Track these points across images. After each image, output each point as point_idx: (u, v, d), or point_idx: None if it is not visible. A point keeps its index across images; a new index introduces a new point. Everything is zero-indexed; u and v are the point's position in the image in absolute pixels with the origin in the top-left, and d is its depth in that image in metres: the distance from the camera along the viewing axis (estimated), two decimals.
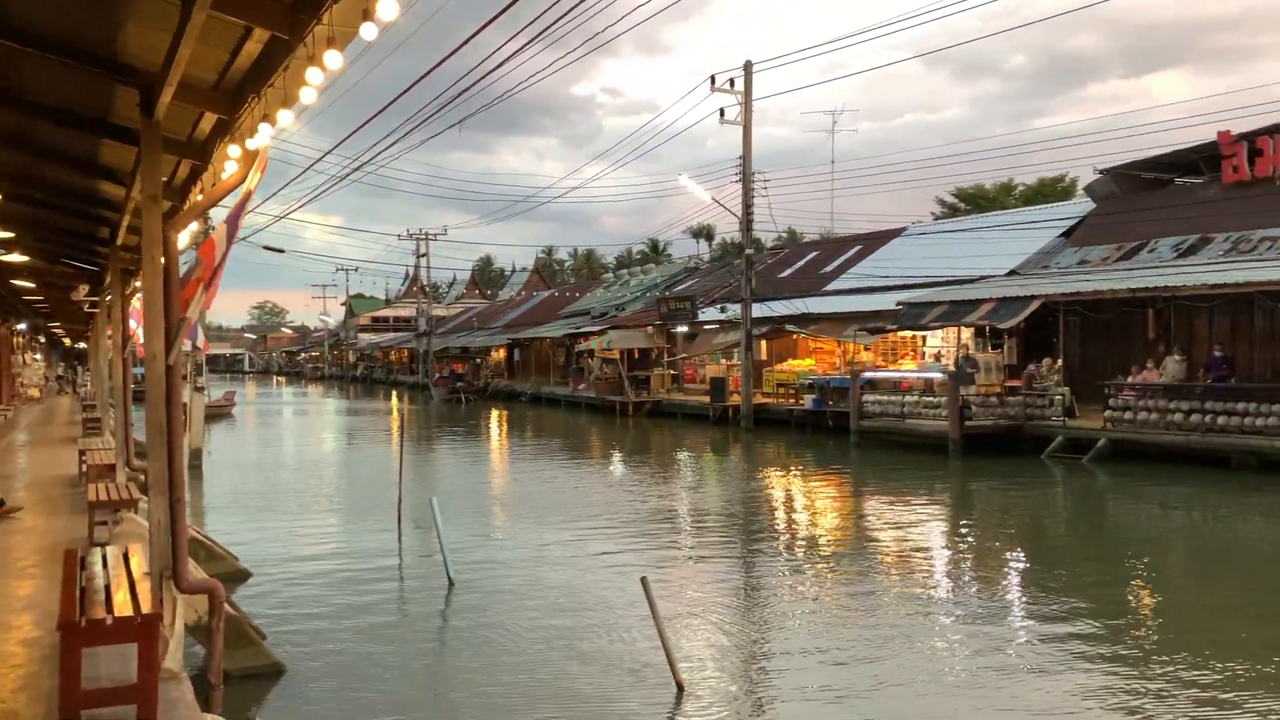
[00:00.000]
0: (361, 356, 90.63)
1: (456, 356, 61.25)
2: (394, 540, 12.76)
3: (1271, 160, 24.18)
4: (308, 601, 9.81)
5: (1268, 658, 7.83)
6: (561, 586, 10.34)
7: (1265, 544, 13.07)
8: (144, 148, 5.82)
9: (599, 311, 50.10)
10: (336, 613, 9.36)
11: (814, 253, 41.72)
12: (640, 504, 16.13)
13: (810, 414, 28.00)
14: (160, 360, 5.88)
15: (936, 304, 25.64)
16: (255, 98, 5.26)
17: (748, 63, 30.11)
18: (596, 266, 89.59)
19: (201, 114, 6.19)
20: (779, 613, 9.45)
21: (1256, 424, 18.05)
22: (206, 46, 4.97)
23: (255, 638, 7.66)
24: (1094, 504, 16.76)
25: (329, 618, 9.19)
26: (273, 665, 7.52)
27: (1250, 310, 21.40)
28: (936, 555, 12.34)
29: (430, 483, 18.98)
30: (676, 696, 6.96)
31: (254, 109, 5.37)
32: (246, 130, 5.61)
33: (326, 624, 8.98)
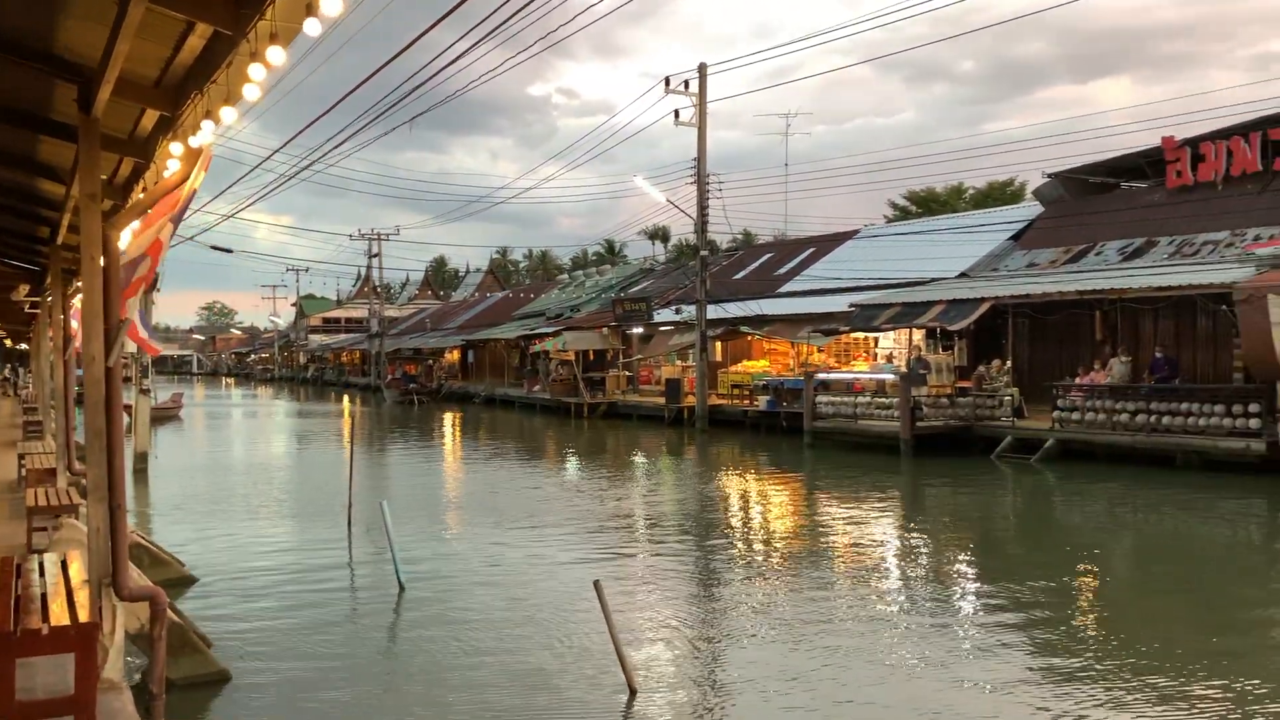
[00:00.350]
0: (312, 358, 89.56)
1: (409, 358, 60.77)
2: (344, 545, 12.61)
3: (1214, 165, 24.70)
4: (255, 607, 9.65)
5: (1205, 654, 7.97)
6: (514, 590, 10.27)
7: (1206, 543, 13.34)
8: (82, 145, 5.67)
9: (554, 313, 49.97)
10: (284, 619, 9.22)
11: (768, 254, 41.94)
12: (594, 506, 16.08)
13: (765, 415, 28.14)
14: (99, 362, 5.73)
15: (888, 306, 25.88)
16: (198, 94, 5.15)
17: (702, 65, 30.22)
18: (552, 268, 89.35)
19: (143, 111, 6.05)
20: (733, 614, 9.45)
21: (1199, 424, 18.42)
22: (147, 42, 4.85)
23: (200, 645, 7.52)
24: (1041, 504, 17.00)
25: (276, 624, 9.05)
26: (218, 673, 7.38)
27: (1193, 312, 21.84)
28: (888, 556, 12.44)
29: (381, 486, 18.79)
30: (629, 699, 6.93)
31: (197, 106, 5.25)
32: (189, 127, 5.48)
33: (274, 630, 8.84)
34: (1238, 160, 24.24)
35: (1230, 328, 19.62)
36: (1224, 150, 24.50)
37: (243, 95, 4.70)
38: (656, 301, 39.32)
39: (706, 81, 30.19)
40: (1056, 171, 29.00)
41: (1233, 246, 22.51)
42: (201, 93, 5.11)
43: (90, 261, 5.72)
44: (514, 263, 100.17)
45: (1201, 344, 22.23)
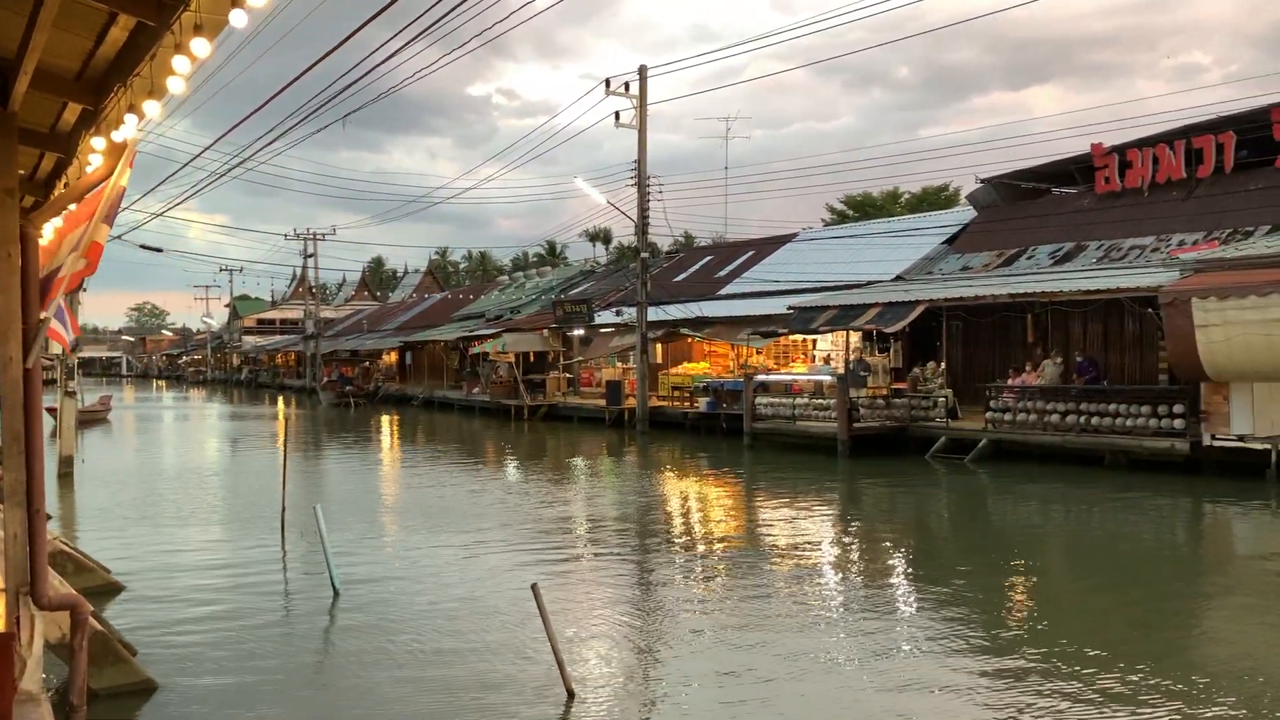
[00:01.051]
0: (246, 360, 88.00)
1: (346, 360, 59.99)
2: (277, 551, 12.38)
3: (1140, 172, 25.35)
4: (184, 615, 9.43)
5: (1137, 648, 8.16)
6: (451, 594, 10.16)
7: (1134, 541, 13.66)
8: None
9: (494, 314, 49.66)
10: (214, 626, 9.02)
11: (708, 257, 42.12)
12: (534, 510, 16.00)
13: (705, 416, 28.25)
14: (17, 364, 5.55)
15: (826, 308, 26.13)
16: (121, 87, 5.01)
17: (642, 67, 30.27)
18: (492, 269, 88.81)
19: (65, 104, 5.87)
20: (671, 616, 9.46)
21: (1127, 424, 18.87)
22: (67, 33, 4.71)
23: (124, 654, 7.31)
24: (975, 503, 17.29)
25: (206, 631, 8.85)
26: (143, 682, 7.19)
27: (1121, 315, 22.38)
28: (825, 556, 12.55)
29: (317, 491, 18.50)
30: (566, 702, 6.89)
31: (120, 99, 5.11)
32: (113, 121, 5.34)
33: (203, 638, 8.64)
34: (1163, 167, 24.91)
35: (1156, 330, 20.13)
36: (1150, 157, 25.17)
37: (167, 88, 4.57)
38: (597, 303, 39.28)
39: (647, 84, 30.24)
40: (990, 177, 29.55)
41: (1158, 251, 23.13)
42: (125, 85, 4.97)
43: (7, 260, 5.53)
44: (453, 263, 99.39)
45: (1129, 346, 22.80)
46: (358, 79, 12.98)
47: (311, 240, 62.81)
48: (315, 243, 62.78)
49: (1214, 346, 17.00)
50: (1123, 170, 25.77)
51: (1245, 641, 8.64)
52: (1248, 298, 16.62)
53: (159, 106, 4.78)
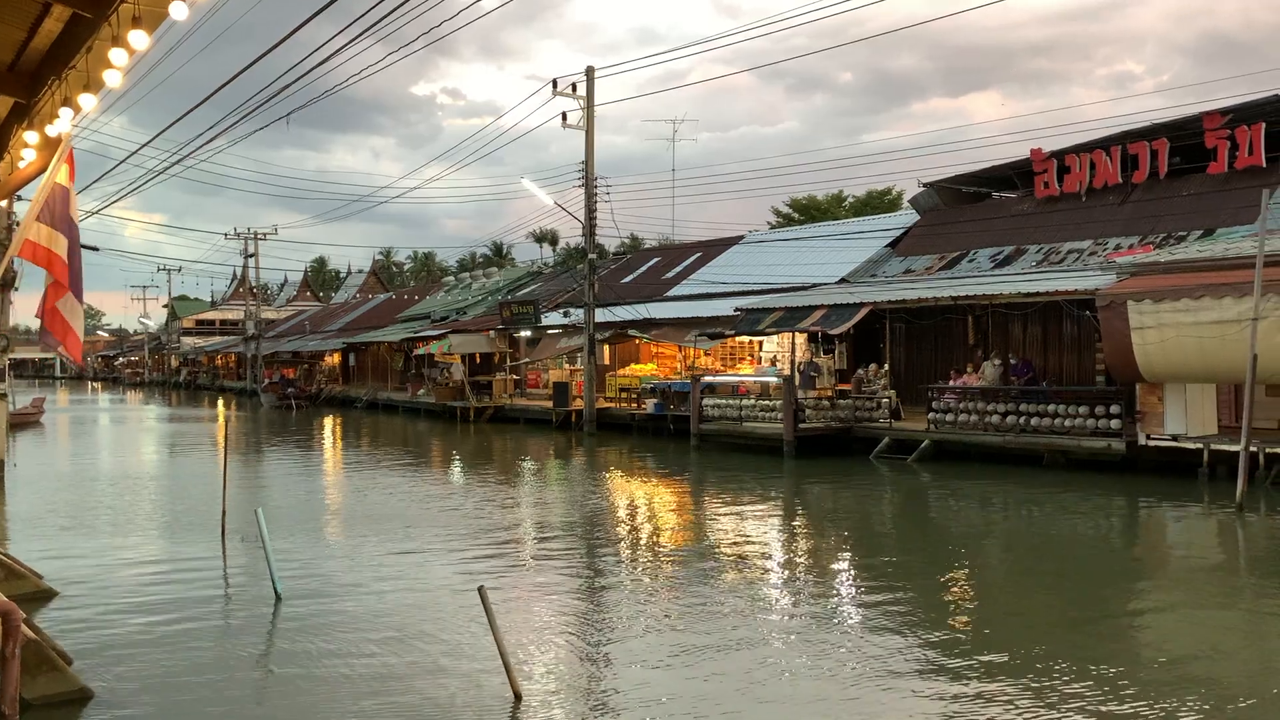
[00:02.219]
0: (185, 361, 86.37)
1: (288, 361, 59.14)
2: (218, 556, 12.14)
3: (1078, 177, 25.90)
4: (122, 621, 9.21)
5: (1077, 645, 8.33)
6: (396, 598, 10.05)
7: (1072, 539, 13.94)
8: None
9: (439, 315, 49.25)
10: (152, 633, 8.81)
11: (656, 259, 42.21)
12: (480, 513, 15.90)
13: (652, 418, 28.28)
14: None
15: (772, 310, 26.33)
16: (55, 80, 4.88)
17: (590, 68, 30.26)
18: (437, 270, 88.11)
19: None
20: (619, 617, 9.44)
21: (1065, 425, 19.26)
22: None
23: (58, 662, 7.12)
24: (917, 503, 17.52)
25: (144, 638, 8.64)
26: (78, 691, 7.00)
27: (1060, 317, 22.84)
28: (771, 556, 12.63)
29: (259, 495, 18.20)
30: (514, 706, 6.85)
31: (54, 92, 4.98)
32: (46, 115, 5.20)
33: (142, 645, 8.44)
34: (1100, 172, 25.47)
35: (1093, 332, 20.59)
36: (1088, 163, 25.73)
37: (104, 82, 4.47)
38: (544, 305, 39.14)
39: (594, 85, 30.23)
40: (931, 181, 30.00)
41: (1096, 255, 23.64)
42: (60, 79, 4.84)
43: None
44: (398, 264, 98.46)
45: (1067, 347, 23.28)
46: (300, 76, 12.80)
47: (253, 240, 61.84)
48: (256, 242, 61.82)
49: (1149, 348, 17.42)
50: (1061, 175, 26.31)
51: (1176, 638, 8.85)
52: (1181, 300, 17.06)
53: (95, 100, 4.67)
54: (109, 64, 4.21)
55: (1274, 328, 15.70)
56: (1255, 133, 22.91)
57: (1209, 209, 23.03)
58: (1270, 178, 21.80)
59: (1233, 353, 16.11)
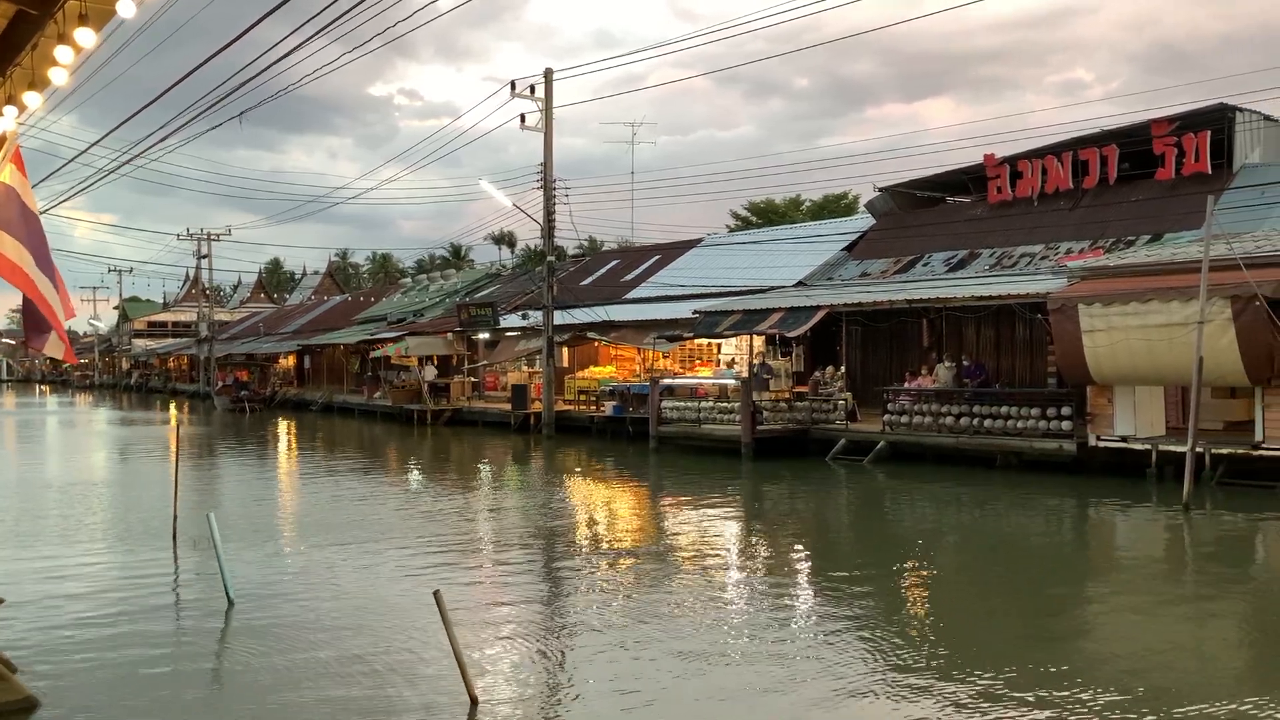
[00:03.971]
0: (136, 364, 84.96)
1: (241, 364, 58.39)
2: (169, 562, 11.96)
3: (1030, 182, 26.27)
4: (68, 629, 9.03)
5: (1024, 643, 8.45)
6: (352, 602, 9.96)
7: (1024, 539, 14.15)
8: None
9: (396, 317, 48.87)
10: (100, 639, 8.66)
11: (615, 261, 42.21)
12: (437, 517, 15.81)
13: (611, 420, 28.28)
14: None
15: (730, 313, 26.44)
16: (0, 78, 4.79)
17: (548, 70, 30.22)
18: (394, 271, 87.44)
19: None
20: (576, 621, 9.43)
21: (1017, 426, 19.51)
22: None
23: (2, 670, 6.98)
24: (873, 504, 17.68)
25: (94, 645, 8.49)
26: (23, 700, 6.86)
27: (1012, 320, 23.16)
28: (729, 558, 12.68)
29: (211, 500, 17.97)
30: (470, 709, 6.82)
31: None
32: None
33: (91, 651, 8.29)
34: (1051, 178, 25.86)
35: (1045, 335, 20.89)
36: (1039, 168, 26.11)
37: (50, 80, 4.39)
38: (503, 307, 38.99)
39: (553, 87, 30.19)
40: (887, 186, 30.26)
41: (1047, 259, 24.00)
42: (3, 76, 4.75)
43: None
44: (354, 265, 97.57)
45: (1019, 350, 23.60)
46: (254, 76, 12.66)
47: (205, 240, 60.96)
48: (209, 243, 60.95)
49: (1099, 351, 17.71)
50: (1014, 180, 26.67)
51: (1123, 637, 9.01)
52: (1129, 304, 17.36)
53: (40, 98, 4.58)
54: (55, 62, 4.13)
55: (1219, 331, 16.04)
56: (1201, 140, 23.40)
57: (1157, 214, 23.48)
58: (1215, 184, 22.27)
59: (1179, 355, 16.43)
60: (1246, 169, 23.28)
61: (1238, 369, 16.32)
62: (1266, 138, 24.14)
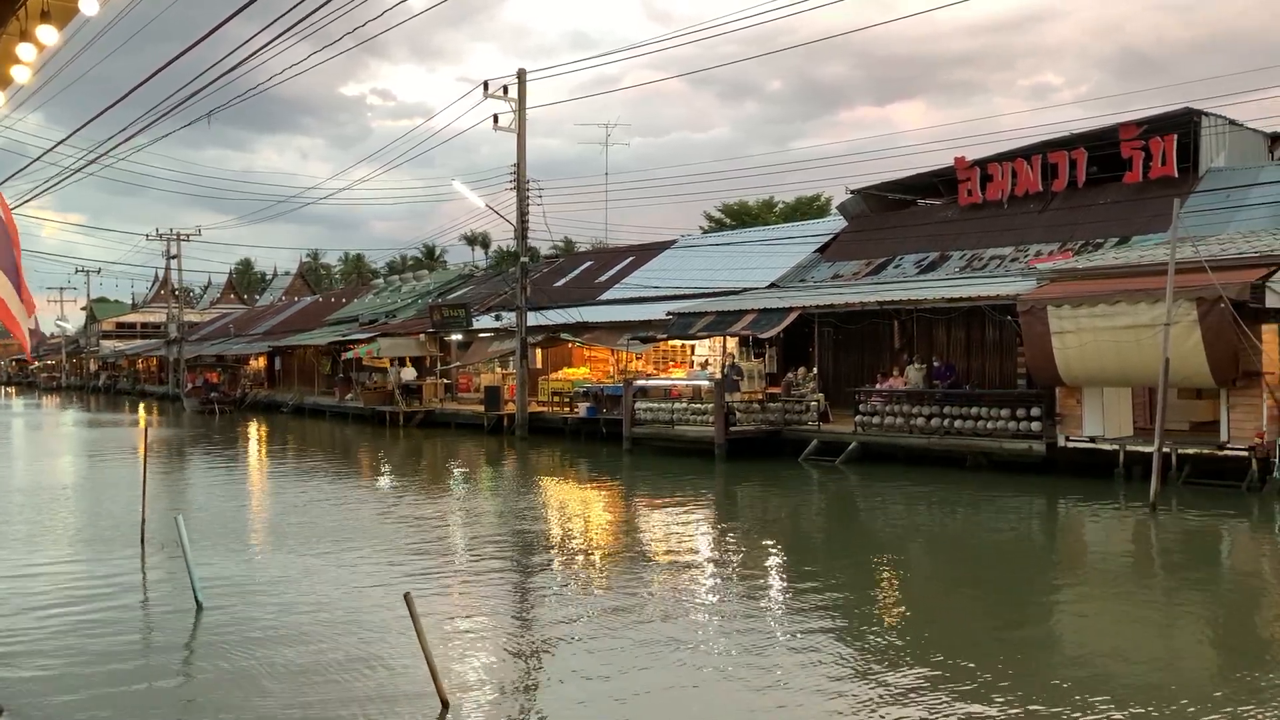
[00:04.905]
0: (105, 365, 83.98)
1: (211, 365, 57.86)
2: (137, 566, 11.82)
3: (1000, 185, 26.47)
4: (33, 633, 8.92)
5: (994, 642, 8.52)
6: (322, 606, 9.89)
7: (995, 538, 14.26)
8: None
9: (368, 318, 48.58)
10: (68, 644, 8.55)
11: (589, 262, 42.17)
12: (409, 519, 15.73)
13: (585, 422, 28.24)
14: None
15: (704, 314, 26.48)
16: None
17: (521, 71, 30.14)
18: (366, 272, 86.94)
19: None
20: (548, 622, 9.42)
21: (987, 427, 19.66)
22: None
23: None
24: (845, 504, 17.76)
25: (60, 650, 8.38)
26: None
27: (983, 322, 23.33)
28: (701, 558, 12.69)
29: (181, 503, 17.80)
30: (441, 712, 6.79)
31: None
32: None
33: (54, 656, 8.18)
34: (1021, 180, 26.07)
35: (1015, 336, 21.06)
36: (1009, 171, 26.30)
37: (12, 78, 4.33)
38: (476, 308, 38.82)
39: (526, 87, 30.11)
40: (859, 188, 30.38)
41: (1017, 261, 24.19)
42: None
43: None
44: (326, 266, 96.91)
45: (989, 351, 23.78)
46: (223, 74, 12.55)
47: (175, 241, 60.35)
48: (179, 243, 60.35)
49: (1068, 352, 17.88)
50: (984, 183, 26.86)
51: (1091, 635, 9.10)
52: (1098, 306, 17.54)
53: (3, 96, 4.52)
54: (17, 60, 4.08)
55: (1185, 332, 16.24)
56: (1168, 144, 23.67)
57: (1125, 217, 23.72)
58: (1182, 187, 22.54)
59: (1147, 356, 16.61)
60: (1212, 172, 23.59)
61: (1203, 370, 16.53)
62: (1231, 142, 24.47)
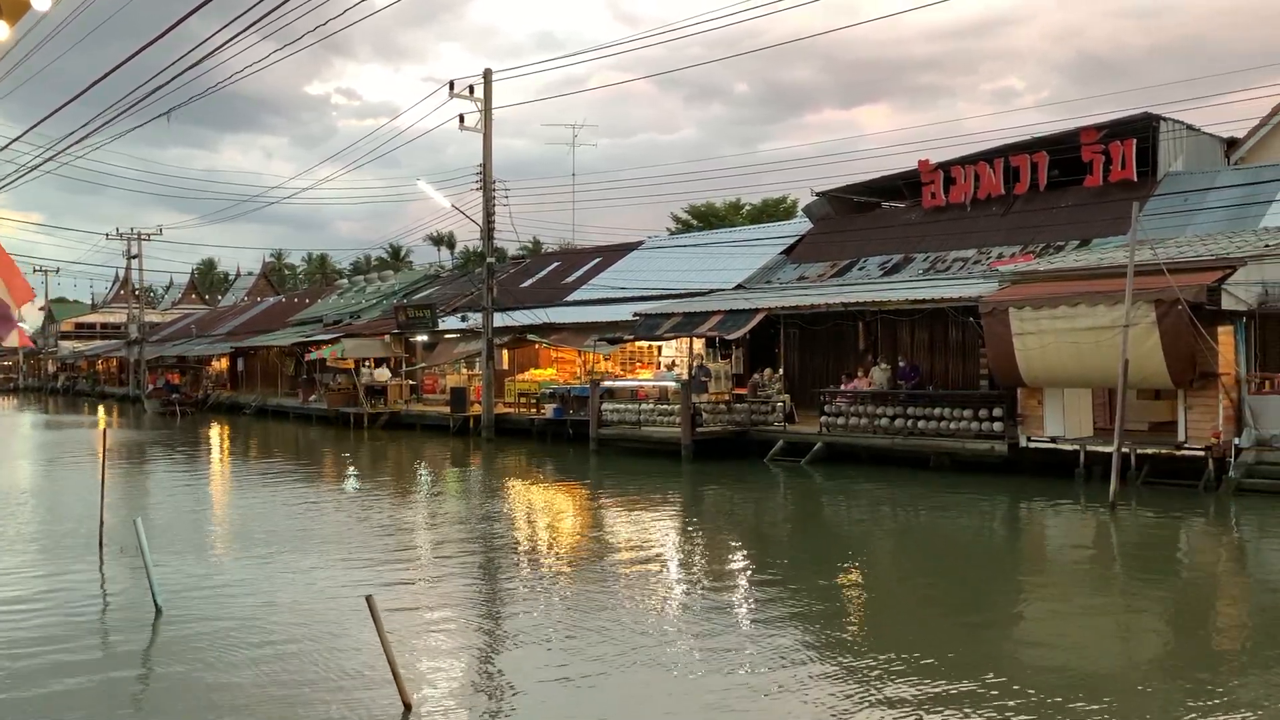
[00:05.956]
0: (64, 366, 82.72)
1: (173, 366, 57.17)
2: (95, 571, 11.65)
3: (963, 188, 26.73)
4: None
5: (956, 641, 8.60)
6: (285, 610, 9.80)
7: (957, 538, 14.39)
8: None
9: (332, 319, 48.19)
10: (21, 649, 8.40)
11: (555, 263, 42.10)
12: (373, 522, 15.62)
13: (551, 423, 28.19)
14: None
15: (670, 315, 26.51)
16: None
17: (487, 71, 30.04)
18: (331, 272, 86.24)
19: None
20: (513, 625, 9.39)
21: (951, 427, 19.84)
22: None
23: None
24: (810, 503, 17.86)
25: (11, 655, 8.24)
26: None
27: (946, 323, 23.54)
28: (667, 558, 12.71)
29: (141, 507, 17.56)
30: (403, 715, 6.75)
31: None
32: None
33: (9, 660, 8.04)
34: (984, 184, 26.34)
35: (977, 338, 21.26)
36: (972, 174, 26.57)
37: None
38: (442, 309, 38.62)
39: (492, 87, 30.02)
40: (824, 190, 30.57)
41: (979, 263, 24.44)
42: None
43: None
44: (290, 266, 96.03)
45: (952, 352, 24.00)
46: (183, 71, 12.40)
47: (136, 240, 59.55)
48: (140, 243, 59.56)
49: (1029, 353, 18.08)
50: (947, 186, 27.11)
51: (1052, 633, 9.21)
52: (1059, 308, 17.75)
53: None
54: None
55: (1143, 334, 16.47)
56: (1127, 148, 24.01)
57: (1085, 220, 24.04)
58: (1140, 191, 22.87)
59: (1106, 358, 16.84)
60: (1170, 177, 23.96)
61: (1161, 371, 16.78)
62: (1189, 146, 24.87)
